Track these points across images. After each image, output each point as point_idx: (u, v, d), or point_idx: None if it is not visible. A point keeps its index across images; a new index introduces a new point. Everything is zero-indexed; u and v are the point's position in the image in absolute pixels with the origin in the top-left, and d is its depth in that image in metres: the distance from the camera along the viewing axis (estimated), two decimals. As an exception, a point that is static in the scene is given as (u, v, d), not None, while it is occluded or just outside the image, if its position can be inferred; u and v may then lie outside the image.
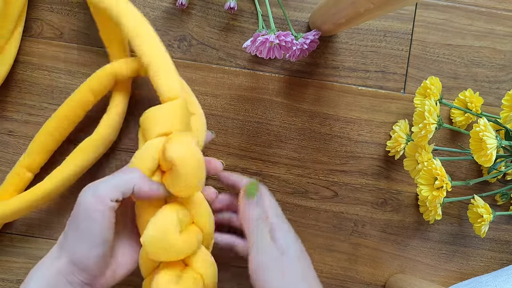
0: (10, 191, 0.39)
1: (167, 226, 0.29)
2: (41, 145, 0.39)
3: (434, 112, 0.36)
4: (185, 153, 0.29)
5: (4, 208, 0.37)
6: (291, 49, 0.37)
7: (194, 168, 0.30)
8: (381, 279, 0.43)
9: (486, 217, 0.37)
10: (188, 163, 0.29)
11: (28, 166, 0.39)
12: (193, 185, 0.30)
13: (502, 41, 0.44)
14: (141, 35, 0.35)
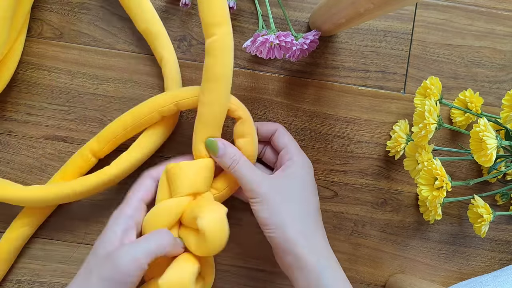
0: (72, 172, 0.39)
1: (186, 278, 0.31)
2: (112, 135, 0.38)
3: (434, 112, 0.36)
4: (216, 226, 0.31)
5: (67, 189, 0.37)
6: (291, 49, 0.37)
7: (221, 241, 0.32)
8: (381, 279, 0.43)
9: (486, 217, 0.37)
10: (217, 236, 0.31)
11: (95, 152, 0.39)
12: (214, 252, 0.32)
13: (502, 41, 0.44)
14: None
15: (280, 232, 0.32)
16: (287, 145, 0.37)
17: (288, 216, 0.33)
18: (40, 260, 0.42)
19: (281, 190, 0.34)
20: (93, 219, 0.42)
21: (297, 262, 0.32)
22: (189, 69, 0.42)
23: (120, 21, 0.42)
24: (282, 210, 0.33)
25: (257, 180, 0.34)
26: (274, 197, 0.33)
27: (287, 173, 0.35)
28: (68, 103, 0.42)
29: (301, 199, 0.35)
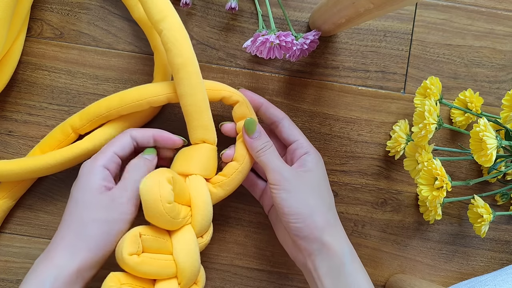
0: (50, 145, 0.39)
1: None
2: (95, 114, 0.37)
3: (434, 112, 0.36)
4: (145, 190, 0.31)
5: (39, 162, 0.37)
6: (291, 49, 0.37)
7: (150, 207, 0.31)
8: (381, 279, 0.43)
9: (486, 217, 0.37)
10: (145, 200, 0.31)
11: (75, 128, 0.38)
12: (153, 220, 0.32)
13: (502, 41, 0.44)
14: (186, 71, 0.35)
15: (307, 221, 0.33)
16: (299, 139, 0.37)
17: (315, 206, 0.34)
18: (40, 260, 0.42)
19: (306, 182, 0.34)
20: (93, 219, 0.42)
21: (321, 250, 0.33)
22: (189, 69, 0.42)
23: (120, 21, 0.42)
24: (309, 200, 0.34)
25: (284, 168, 0.34)
26: (300, 187, 0.34)
27: (307, 167, 0.35)
28: (68, 103, 0.42)
29: (322, 192, 0.35)
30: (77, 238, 0.31)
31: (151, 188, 0.31)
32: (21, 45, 0.40)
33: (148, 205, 0.31)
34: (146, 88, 0.37)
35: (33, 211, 0.41)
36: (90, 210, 0.32)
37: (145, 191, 0.31)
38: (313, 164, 0.36)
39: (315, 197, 0.34)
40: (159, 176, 0.32)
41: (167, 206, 0.31)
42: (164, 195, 0.31)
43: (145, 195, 0.31)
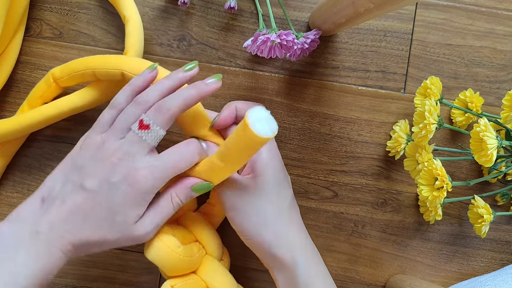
0: (36, 96, 0.39)
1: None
2: (73, 69, 0.37)
3: (434, 112, 0.36)
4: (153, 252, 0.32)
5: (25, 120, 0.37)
6: (292, 48, 0.37)
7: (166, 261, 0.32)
8: (381, 279, 0.43)
9: (487, 217, 0.37)
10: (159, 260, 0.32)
11: (56, 78, 0.38)
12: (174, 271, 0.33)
13: (503, 41, 0.44)
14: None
15: (254, 238, 0.32)
16: None
17: (260, 219, 0.32)
18: (40, 261, 0.41)
19: (251, 193, 0.32)
20: (93, 219, 0.42)
21: (274, 263, 0.32)
22: (189, 69, 0.42)
23: (119, 21, 0.42)
24: (253, 215, 0.32)
25: (226, 188, 0.33)
26: (244, 202, 0.32)
27: (256, 172, 0.33)
28: (67, 103, 0.42)
29: (271, 198, 0.33)
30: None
31: (157, 248, 0.31)
32: (18, 44, 0.40)
33: (164, 262, 0.32)
34: (125, 60, 0.36)
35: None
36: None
37: (154, 254, 0.31)
38: (261, 166, 0.33)
39: (262, 207, 0.32)
40: (157, 236, 0.32)
41: (179, 250, 0.32)
42: (171, 244, 0.32)
43: (157, 257, 0.31)
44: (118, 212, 0.29)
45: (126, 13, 0.40)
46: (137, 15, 0.40)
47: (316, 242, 0.43)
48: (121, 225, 0.29)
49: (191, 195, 0.32)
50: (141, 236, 0.30)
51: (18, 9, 0.39)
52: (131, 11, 0.40)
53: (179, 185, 0.32)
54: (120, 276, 0.42)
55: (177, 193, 0.31)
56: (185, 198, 0.32)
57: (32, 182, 0.41)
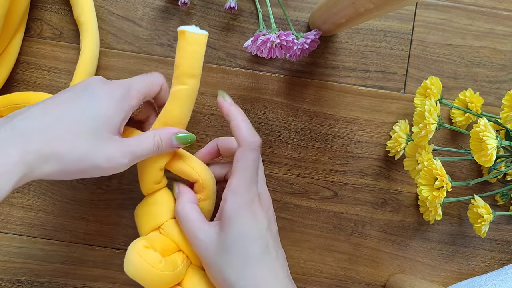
0: None
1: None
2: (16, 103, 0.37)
3: (434, 112, 0.36)
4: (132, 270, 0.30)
5: None
6: (292, 48, 0.37)
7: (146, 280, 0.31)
8: (381, 279, 0.43)
9: (486, 217, 0.37)
10: (138, 278, 0.30)
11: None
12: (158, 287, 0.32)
13: (503, 41, 0.44)
14: None
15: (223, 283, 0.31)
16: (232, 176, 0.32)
17: (227, 271, 0.30)
18: (40, 260, 0.41)
19: (219, 242, 0.31)
20: (93, 219, 0.42)
21: None
22: (189, 69, 0.42)
23: (120, 21, 0.42)
24: (220, 269, 0.31)
25: (200, 239, 0.31)
26: (212, 256, 0.31)
27: (224, 217, 0.31)
28: (67, 103, 0.42)
29: (237, 249, 0.30)
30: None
31: (137, 265, 0.30)
32: (18, 44, 0.40)
33: (145, 280, 0.30)
34: None
35: (33, 211, 0.41)
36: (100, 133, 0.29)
37: (134, 271, 0.30)
38: (225, 217, 0.31)
39: (229, 259, 0.30)
40: (134, 250, 0.31)
41: (161, 266, 0.31)
42: (151, 260, 0.30)
43: (136, 274, 0.30)
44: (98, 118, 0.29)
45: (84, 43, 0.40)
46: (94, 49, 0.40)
47: (316, 242, 0.43)
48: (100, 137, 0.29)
49: (173, 144, 0.32)
50: (117, 159, 0.29)
51: (18, 9, 0.39)
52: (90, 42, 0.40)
53: (163, 129, 0.32)
54: (120, 276, 0.42)
55: (160, 134, 0.32)
56: (166, 140, 0.32)
57: (32, 182, 0.41)
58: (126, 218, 0.42)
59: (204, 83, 0.42)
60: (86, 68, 0.40)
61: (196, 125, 0.42)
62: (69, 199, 0.41)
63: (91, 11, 0.41)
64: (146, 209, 0.35)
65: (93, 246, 0.42)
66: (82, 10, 0.40)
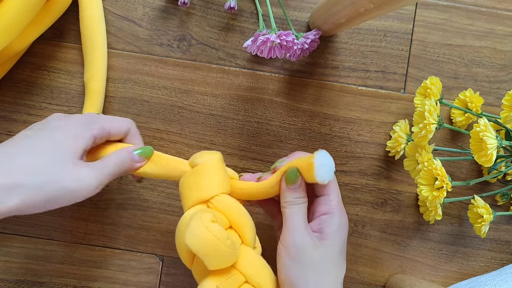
0: None
1: None
2: None
3: (434, 112, 0.36)
4: (199, 241, 0.28)
5: None
6: (292, 48, 0.37)
7: (212, 255, 0.29)
8: (381, 279, 0.43)
9: (486, 217, 0.37)
10: (204, 253, 0.29)
11: None
12: (220, 266, 0.30)
13: (503, 41, 0.44)
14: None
15: None
16: (329, 194, 0.33)
17: (312, 285, 0.30)
18: (40, 260, 0.41)
19: (315, 256, 0.31)
20: (93, 219, 0.42)
21: None
22: (189, 69, 0.42)
23: (119, 21, 0.42)
24: (309, 279, 0.30)
25: (300, 233, 0.31)
26: (307, 260, 0.30)
27: (325, 233, 0.31)
28: (67, 103, 0.42)
29: (335, 269, 0.31)
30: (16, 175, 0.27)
31: (203, 238, 0.28)
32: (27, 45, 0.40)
33: (210, 256, 0.29)
34: None
35: (33, 211, 0.41)
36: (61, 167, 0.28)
37: (199, 245, 0.28)
38: (332, 231, 0.31)
39: (318, 276, 0.30)
40: (200, 222, 0.29)
41: (228, 243, 0.29)
42: (218, 234, 0.29)
43: (202, 249, 0.28)
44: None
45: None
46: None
47: (316, 242, 0.43)
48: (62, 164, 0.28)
49: (135, 158, 0.33)
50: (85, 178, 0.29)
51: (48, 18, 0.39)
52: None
53: (124, 148, 0.33)
54: (120, 276, 0.42)
55: (123, 151, 0.33)
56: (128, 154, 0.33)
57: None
58: (126, 218, 0.42)
59: (204, 83, 0.42)
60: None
61: (196, 125, 0.42)
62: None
63: (102, 80, 0.40)
64: (195, 180, 0.33)
65: (93, 246, 0.42)
66: (93, 77, 0.40)
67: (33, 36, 0.39)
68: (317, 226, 0.32)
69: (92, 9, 0.40)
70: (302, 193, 0.32)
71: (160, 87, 0.42)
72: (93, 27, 0.40)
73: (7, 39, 0.34)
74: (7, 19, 0.33)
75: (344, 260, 0.33)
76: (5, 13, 0.33)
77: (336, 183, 0.33)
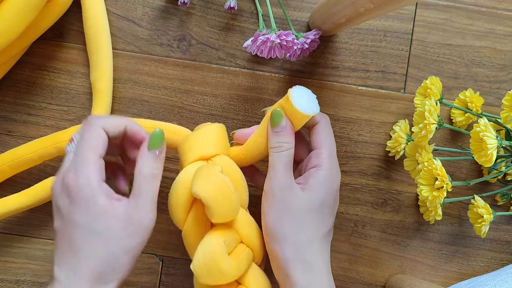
0: None
1: (215, 253, 0.30)
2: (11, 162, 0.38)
3: (434, 112, 0.36)
4: (211, 189, 0.29)
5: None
6: (292, 48, 0.37)
7: (222, 202, 0.29)
8: (381, 279, 0.43)
9: (487, 217, 0.37)
10: (215, 199, 0.29)
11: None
12: (227, 216, 0.30)
13: (503, 41, 0.44)
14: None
15: (276, 246, 0.30)
16: (320, 147, 0.32)
17: (291, 233, 0.30)
18: (40, 261, 0.41)
19: (294, 203, 0.30)
20: (93, 219, 0.42)
21: (285, 282, 0.30)
22: (189, 69, 0.42)
23: (119, 21, 0.42)
24: (287, 225, 0.30)
25: (281, 179, 0.31)
26: (285, 207, 0.30)
27: (309, 185, 0.31)
28: (67, 103, 0.42)
29: (313, 220, 0.31)
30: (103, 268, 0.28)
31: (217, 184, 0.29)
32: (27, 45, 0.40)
33: (221, 201, 0.29)
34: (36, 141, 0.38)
35: (32, 211, 0.41)
36: (116, 240, 0.28)
37: (212, 191, 0.28)
38: (316, 183, 0.31)
39: (298, 223, 0.30)
40: (211, 170, 0.29)
41: (236, 195, 0.30)
42: (230, 184, 0.29)
43: (214, 195, 0.29)
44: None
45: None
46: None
47: (316, 242, 0.43)
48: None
49: (152, 155, 0.30)
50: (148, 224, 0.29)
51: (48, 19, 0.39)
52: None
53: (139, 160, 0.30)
54: (120, 276, 0.42)
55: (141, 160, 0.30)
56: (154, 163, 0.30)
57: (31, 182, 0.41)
58: (126, 218, 0.42)
59: (204, 83, 0.42)
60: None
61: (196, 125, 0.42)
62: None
63: (109, 80, 0.40)
64: (198, 138, 0.33)
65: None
66: (100, 77, 0.40)
67: (34, 36, 0.39)
68: (304, 179, 0.32)
69: (95, 8, 0.40)
70: (287, 138, 0.31)
71: (160, 87, 0.42)
72: (97, 27, 0.40)
73: (8, 39, 0.34)
74: (7, 19, 0.33)
75: (330, 217, 0.32)
76: (6, 14, 0.33)
77: (330, 137, 0.33)
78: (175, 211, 0.32)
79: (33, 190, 0.38)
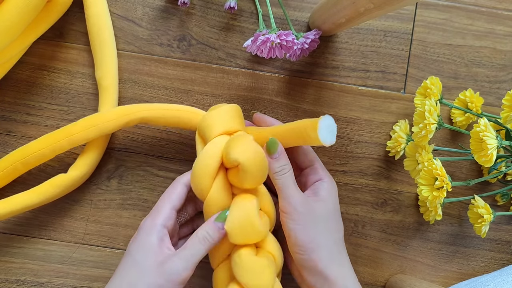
0: None
1: (250, 211, 0.32)
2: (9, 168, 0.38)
3: (434, 112, 0.36)
4: (249, 154, 0.31)
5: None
6: (292, 48, 0.37)
7: (259, 166, 0.32)
8: (381, 279, 0.43)
9: (487, 217, 0.37)
10: (253, 163, 0.31)
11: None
12: (259, 180, 0.33)
13: (503, 41, 0.44)
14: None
15: (312, 254, 0.33)
16: (314, 164, 0.37)
17: (322, 239, 0.34)
18: (40, 260, 0.41)
19: (315, 214, 0.34)
20: (93, 219, 0.42)
21: (324, 284, 0.33)
22: (189, 69, 0.42)
23: (119, 21, 0.42)
24: (316, 234, 0.34)
25: (297, 197, 0.34)
26: (309, 219, 0.34)
27: (320, 196, 0.35)
28: (67, 103, 0.42)
29: (330, 224, 0.35)
30: None
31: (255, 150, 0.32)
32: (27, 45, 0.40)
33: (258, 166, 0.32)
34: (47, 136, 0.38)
35: (32, 211, 0.41)
36: (145, 274, 0.32)
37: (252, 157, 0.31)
38: (326, 193, 0.35)
39: (323, 230, 0.34)
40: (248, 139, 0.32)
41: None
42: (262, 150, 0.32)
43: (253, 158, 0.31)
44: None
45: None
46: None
47: (316, 242, 0.43)
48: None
49: (219, 226, 0.32)
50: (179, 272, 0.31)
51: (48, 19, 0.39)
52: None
53: (203, 225, 0.33)
54: (120, 276, 0.42)
55: (202, 229, 0.33)
56: (210, 230, 0.33)
57: (34, 183, 0.41)
58: (126, 218, 0.42)
59: (204, 83, 0.42)
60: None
61: (196, 125, 0.42)
62: (69, 199, 0.41)
63: (114, 77, 0.40)
64: (221, 114, 0.36)
65: (92, 246, 0.42)
66: (105, 74, 0.40)
67: (34, 36, 0.39)
68: (311, 192, 0.36)
69: (97, 6, 0.40)
70: (285, 160, 0.34)
71: (160, 87, 0.42)
72: (100, 24, 0.40)
73: (8, 39, 0.34)
74: (7, 19, 0.33)
75: (340, 219, 0.36)
76: (6, 14, 0.33)
77: (314, 152, 0.38)
78: (202, 180, 0.34)
79: (42, 188, 0.38)
